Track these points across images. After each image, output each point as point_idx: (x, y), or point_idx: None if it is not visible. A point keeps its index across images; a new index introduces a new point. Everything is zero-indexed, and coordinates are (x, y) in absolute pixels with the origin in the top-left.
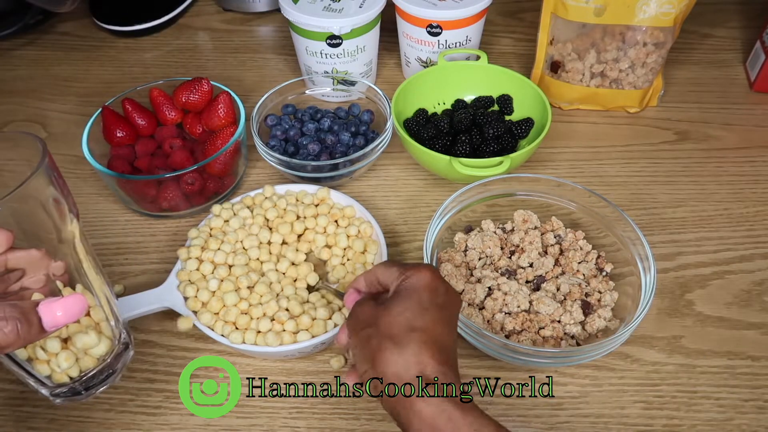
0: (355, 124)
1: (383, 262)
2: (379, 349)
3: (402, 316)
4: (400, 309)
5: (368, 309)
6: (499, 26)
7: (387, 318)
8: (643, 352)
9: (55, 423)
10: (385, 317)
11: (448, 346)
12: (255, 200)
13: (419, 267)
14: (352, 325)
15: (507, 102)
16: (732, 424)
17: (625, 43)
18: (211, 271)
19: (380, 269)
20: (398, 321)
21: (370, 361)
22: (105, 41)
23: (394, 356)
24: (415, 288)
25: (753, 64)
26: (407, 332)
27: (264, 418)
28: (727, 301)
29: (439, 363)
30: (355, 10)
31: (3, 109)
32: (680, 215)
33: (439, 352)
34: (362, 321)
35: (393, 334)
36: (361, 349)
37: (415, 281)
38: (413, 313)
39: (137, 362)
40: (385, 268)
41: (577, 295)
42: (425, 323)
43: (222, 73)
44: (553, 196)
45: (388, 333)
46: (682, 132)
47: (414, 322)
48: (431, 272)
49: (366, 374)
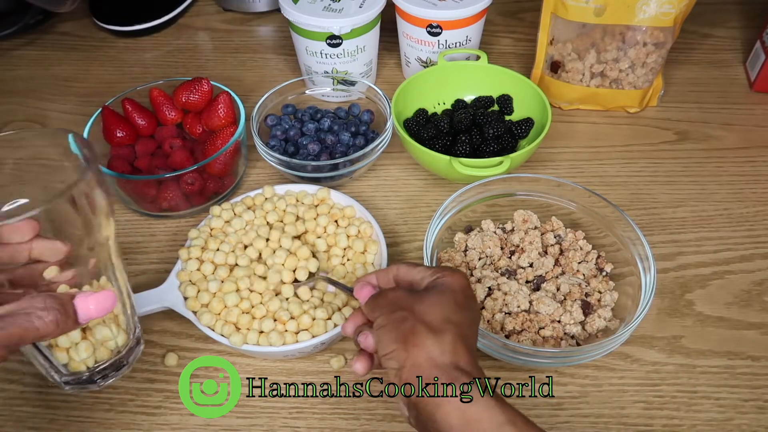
0: (355, 124)
1: (404, 263)
2: (414, 332)
3: (439, 307)
4: (436, 300)
5: (402, 294)
6: (499, 26)
7: (423, 306)
8: (643, 352)
9: (56, 423)
10: (421, 305)
11: (474, 350)
12: (255, 200)
13: (454, 270)
14: (382, 305)
15: (507, 102)
16: (732, 424)
17: (625, 43)
18: (212, 272)
19: (403, 268)
20: (435, 311)
21: (401, 342)
22: (105, 41)
23: (430, 340)
24: (451, 287)
25: (753, 64)
26: (444, 323)
27: (264, 418)
28: (727, 301)
29: (472, 359)
30: (355, 10)
31: (3, 109)
32: (680, 215)
33: (470, 351)
34: (395, 303)
35: (429, 320)
36: (390, 329)
37: (451, 281)
38: (450, 309)
39: (137, 362)
40: (410, 267)
41: (577, 295)
42: (460, 320)
43: (222, 73)
44: (553, 196)
45: (424, 319)
46: (682, 132)
47: (451, 316)
48: (466, 278)
49: (392, 355)
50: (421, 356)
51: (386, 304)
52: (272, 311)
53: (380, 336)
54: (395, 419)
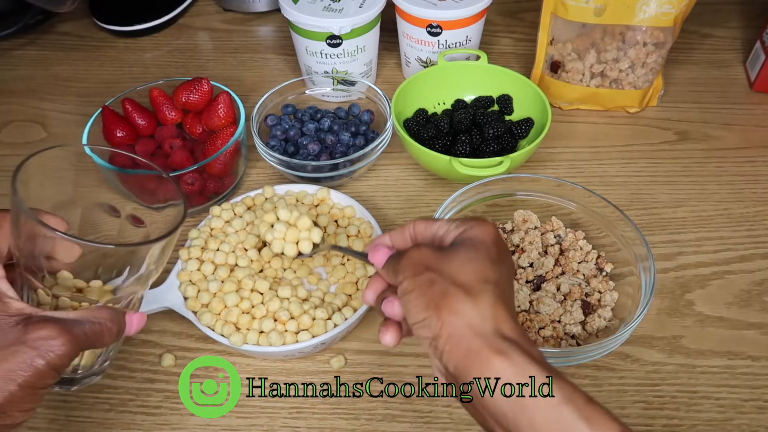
0: (355, 124)
1: (420, 219)
2: (447, 296)
3: (471, 265)
4: (467, 257)
5: (427, 252)
6: (499, 26)
7: (453, 265)
8: (643, 352)
9: (56, 423)
10: (451, 263)
11: (512, 306)
12: (255, 201)
13: (482, 220)
14: (405, 267)
15: (507, 102)
16: (732, 424)
17: (625, 43)
18: (212, 272)
19: (420, 224)
20: (467, 269)
21: (433, 308)
22: (105, 41)
23: (466, 305)
24: (482, 240)
25: (753, 64)
26: (480, 283)
27: (264, 418)
28: (727, 301)
29: (515, 323)
30: (355, 10)
31: (3, 109)
32: (680, 215)
33: (511, 313)
34: (420, 263)
35: (462, 281)
36: (419, 294)
37: (481, 233)
38: (484, 265)
39: (137, 362)
40: (428, 222)
41: (577, 295)
42: (497, 278)
43: (222, 73)
44: (553, 196)
45: (456, 280)
46: (682, 132)
47: (486, 274)
48: (495, 227)
49: (424, 323)
50: (458, 324)
51: (410, 265)
52: (272, 311)
53: (408, 303)
54: (395, 419)
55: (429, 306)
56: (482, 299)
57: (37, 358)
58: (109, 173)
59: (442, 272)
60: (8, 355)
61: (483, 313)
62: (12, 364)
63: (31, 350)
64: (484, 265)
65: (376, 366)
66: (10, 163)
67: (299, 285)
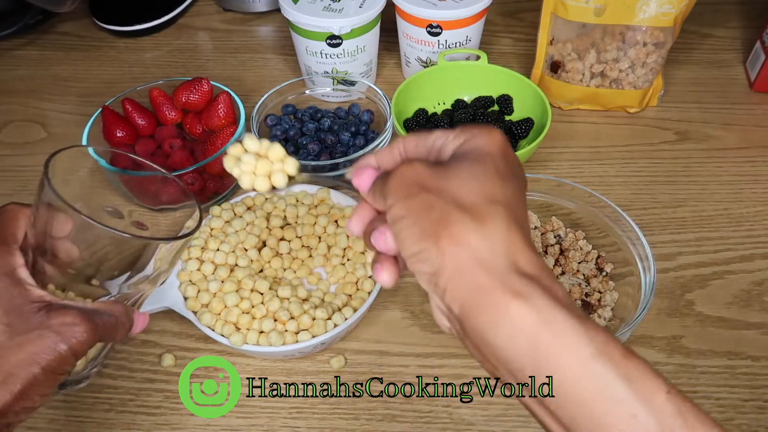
0: (355, 124)
1: (411, 134)
2: (448, 221)
3: (477, 182)
4: (472, 173)
5: (422, 168)
6: (499, 26)
7: (455, 182)
8: (643, 352)
9: (55, 423)
10: (452, 180)
11: (528, 230)
12: (255, 201)
13: (487, 127)
14: (395, 188)
15: (507, 102)
16: (732, 424)
17: (625, 43)
18: (212, 272)
19: (411, 140)
20: (472, 187)
21: (431, 237)
22: (105, 41)
23: (472, 233)
24: (488, 151)
25: (753, 64)
26: (488, 203)
27: (264, 418)
28: (727, 301)
29: (533, 253)
30: (355, 10)
31: (3, 109)
32: (680, 215)
33: (528, 240)
34: (414, 183)
35: (466, 203)
36: (413, 222)
37: (486, 142)
38: (491, 181)
39: (137, 362)
40: (421, 136)
41: (577, 295)
42: (508, 197)
43: (222, 73)
44: (553, 196)
45: (459, 201)
46: (682, 132)
47: (496, 192)
48: (501, 133)
49: (421, 256)
50: (464, 257)
51: (400, 185)
52: (272, 311)
53: (400, 232)
54: (395, 419)
55: (426, 235)
56: (492, 225)
57: (60, 343)
58: (113, 175)
59: (441, 192)
60: (33, 339)
61: (494, 242)
62: (36, 347)
63: (55, 335)
64: (491, 181)
65: (376, 366)
66: (10, 163)
67: (299, 285)
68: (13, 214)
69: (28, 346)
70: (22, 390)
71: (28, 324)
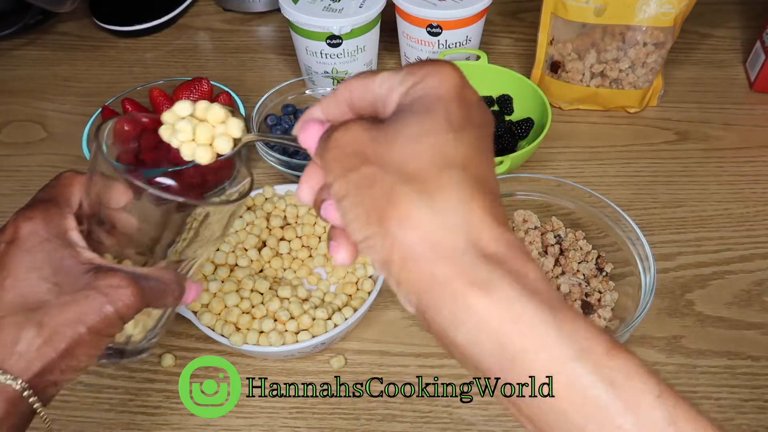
0: None
1: (359, 74)
2: (393, 199)
3: (424, 142)
4: (418, 130)
5: (360, 134)
6: (499, 26)
7: (398, 145)
8: (643, 352)
9: (56, 423)
10: (395, 144)
11: (496, 191)
12: (255, 201)
13: (436, 63)
14: (334, 161)
15: (507, 102)
16: (732, 424)
17: (625, 43)
18: (212, 272)
19: (358, 83)
20: (418, 150)
21: (375, 221)
22: (105, 41)
23: (421, 210)
24: (438, 96)
25: (753, 64)
26: (438, 169)
27: (264, 418)
28: (727, 301)
29: (499, 223)
30: (355, 10)
31: (3, 109)
32: (680, 215)
33: (492, 203)
34: (353, 153)
35: (412, 172)
36: (355, 202)
37: (436, 85)
38: (442, 138)
39: (137, 362)
40: (367, 78)
41: (577, 295)
42: (463, 154)
43: (222, 73)
44: (553, 196)
45: (404, 171)
46: (682, 132)
47: (446, 152)
48: (456, 70)
49: (369, 242)
50: (414, 240)
51: (338, 157)
52: (272, 311)
53: (345, 215)
54: (395, 419)
55: (371, 218)
56: (445, 196)
57: (106, 304)
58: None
59: (383, 162)
60: (79, 299)
61: (447, 219)
62: (83, 307)
63: (101, 296)
64: (442, 137)
65: (376, 366)
66: (10, 163)
67: (299, 285)
68: (68, 180)
69: (74, 306)
70: (67, 348)
71: (76, 284)
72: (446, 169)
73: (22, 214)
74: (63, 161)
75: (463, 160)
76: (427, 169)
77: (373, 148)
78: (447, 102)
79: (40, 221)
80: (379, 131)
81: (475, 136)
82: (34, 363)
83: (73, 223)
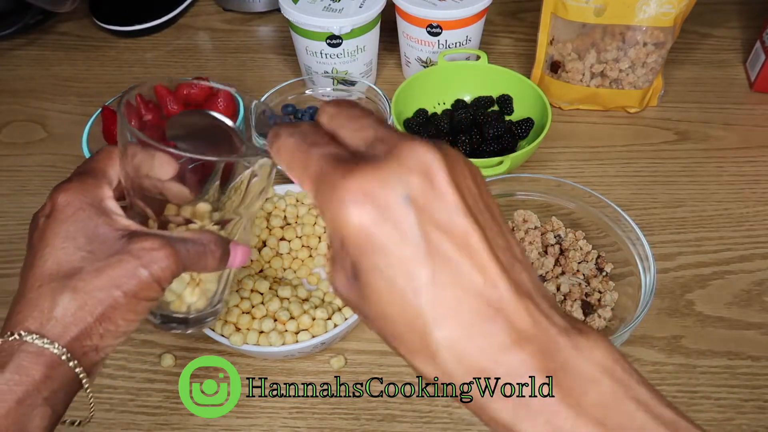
0: None
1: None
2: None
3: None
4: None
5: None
6: (499, 26)
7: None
8: (643, 352)
9: None
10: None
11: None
12: None
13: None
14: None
15: (507, 102)
16: (732, 424)
17: (625, 43)
18: None
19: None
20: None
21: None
22: (105, 41)
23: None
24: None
25: (753, 64)
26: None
27: (264, 418)
28: (727, 301)
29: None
30: (355, 10)
31: (3, 109)
32: (680, 215)
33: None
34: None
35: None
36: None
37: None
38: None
39: (137, 362)
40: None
41: (577, 295)
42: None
43: (222, 73)
44: (553, 196)
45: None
46: (682, 132)
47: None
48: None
49: (336, 258)
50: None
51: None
52: (272, 311)
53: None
54: (395, 419)
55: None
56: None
57: (140, 268)
58: None
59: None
60: (114, 263)
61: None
62: (116, 272)
63: (134, 259)
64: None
65: (376, 366)
66: (10, 163)
67: (299, 285)
68: (107, 153)
69: (107, 270)
70: (104, 313)
71: (110, 249)
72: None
73: (58, 187)
74: (63, 161)
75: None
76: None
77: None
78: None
79: (74, 192)
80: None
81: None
82: (70, 328)
83: (109, 192)
